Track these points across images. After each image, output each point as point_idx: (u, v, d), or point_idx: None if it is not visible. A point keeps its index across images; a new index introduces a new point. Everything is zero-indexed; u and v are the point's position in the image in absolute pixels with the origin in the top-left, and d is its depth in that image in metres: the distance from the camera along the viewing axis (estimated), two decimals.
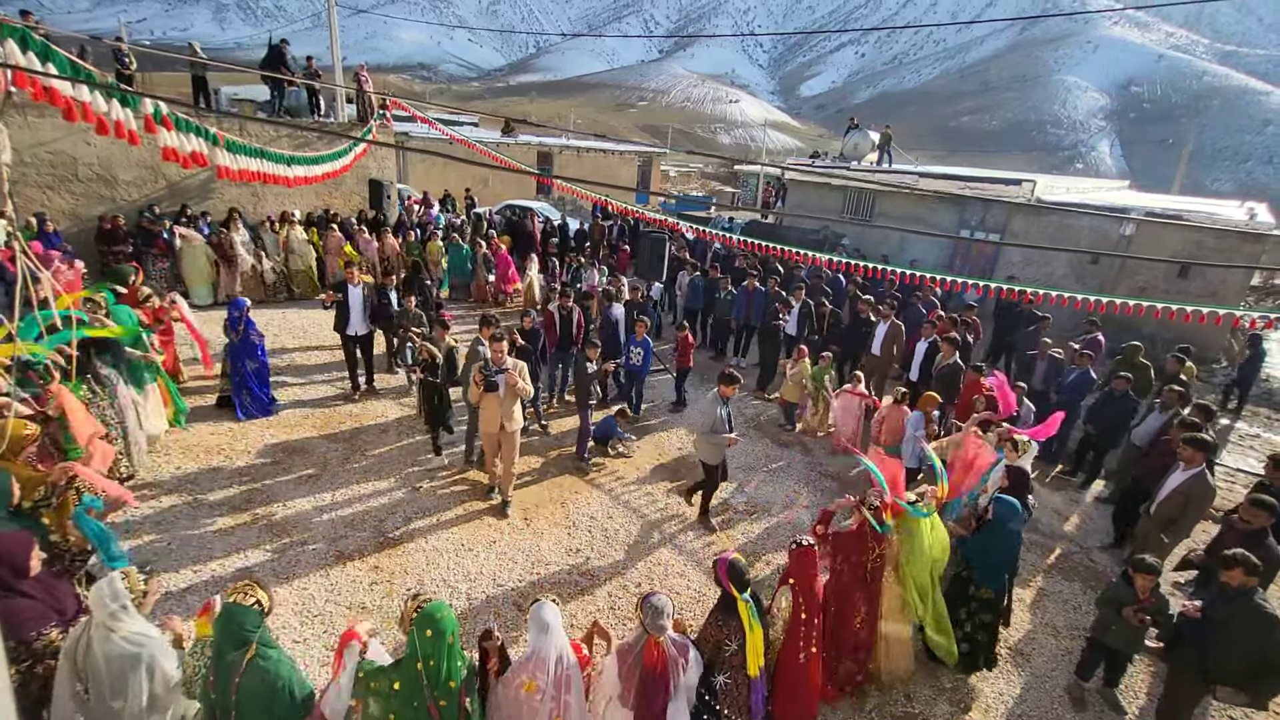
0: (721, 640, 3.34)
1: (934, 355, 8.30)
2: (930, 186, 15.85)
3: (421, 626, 2.56)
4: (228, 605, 2.49)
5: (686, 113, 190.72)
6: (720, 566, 3.41)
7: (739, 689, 3.37)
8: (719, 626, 3.38)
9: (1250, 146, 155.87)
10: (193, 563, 4.86)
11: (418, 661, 2.52)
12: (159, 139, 5.11)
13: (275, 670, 2.48)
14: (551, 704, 2.78)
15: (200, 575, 4.75)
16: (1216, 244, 12.83)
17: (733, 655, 3.32)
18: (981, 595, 4.58)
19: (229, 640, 2.44)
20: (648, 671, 2.99)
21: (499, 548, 5.50)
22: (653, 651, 3.00)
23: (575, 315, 7.97)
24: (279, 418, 7.36)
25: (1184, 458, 5.41)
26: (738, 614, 3.31)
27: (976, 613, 4.63)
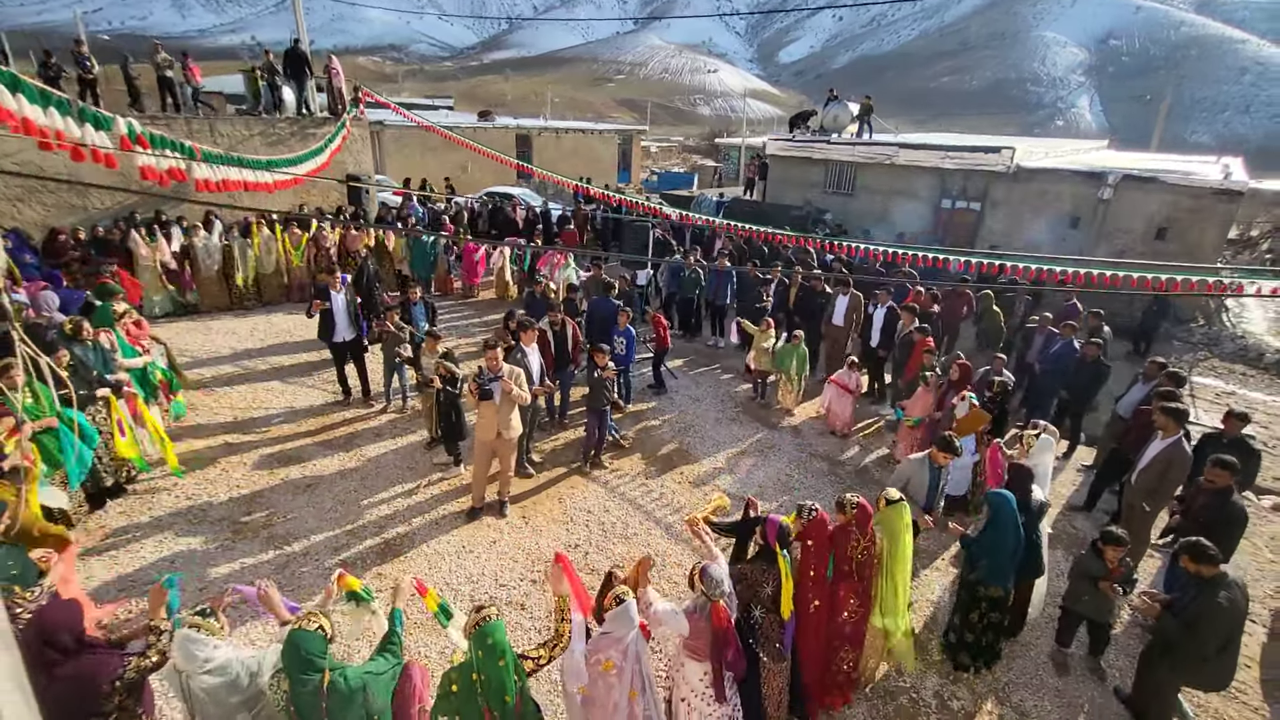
0: (761, 582, 3.77)
1: (894, 321, 8.69)
2: (910, 157, 15.86)
3: (477, 644, 2.78)
4: (293, 632, 2.60)
5: (665, 84, 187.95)
6: (771, 526, 3.83)
7: (773, 626, 3.80)
8: (762, 571, 3.81)
9: (1228, 96, 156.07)
10: (197, 580, 4.93)
11: (474, 673, 2.75)
12: (135, 158, 5.03)
13: (353, 684, 2.65)
14: (630, 677, 3.15)
15: (205, 592, 4.82)
16: (1193, 204, 12.99)
17: (766, 597, 3.75)
18: (991, 594, 4.56)
19: (297, 666, 2.55)
20: (717, 630, 3.36)
21: (499, 547, 5.62)
22: (718, 613, 3.36)
23: (570, 331, 7.63)
24: (274, 427, 7.39)
25: (1160, 426, 5.58)
26: (778, 565, 3.74)
27: (987, 613, 4.61)
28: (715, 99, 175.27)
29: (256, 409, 7.73)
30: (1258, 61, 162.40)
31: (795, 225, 15.95)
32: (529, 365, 6.08)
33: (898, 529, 4.36)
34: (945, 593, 5.51)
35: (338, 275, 7.47)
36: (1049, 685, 4.72)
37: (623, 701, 3.12)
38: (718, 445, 7.70)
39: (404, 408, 7.94)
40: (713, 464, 7.29)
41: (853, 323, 9.14)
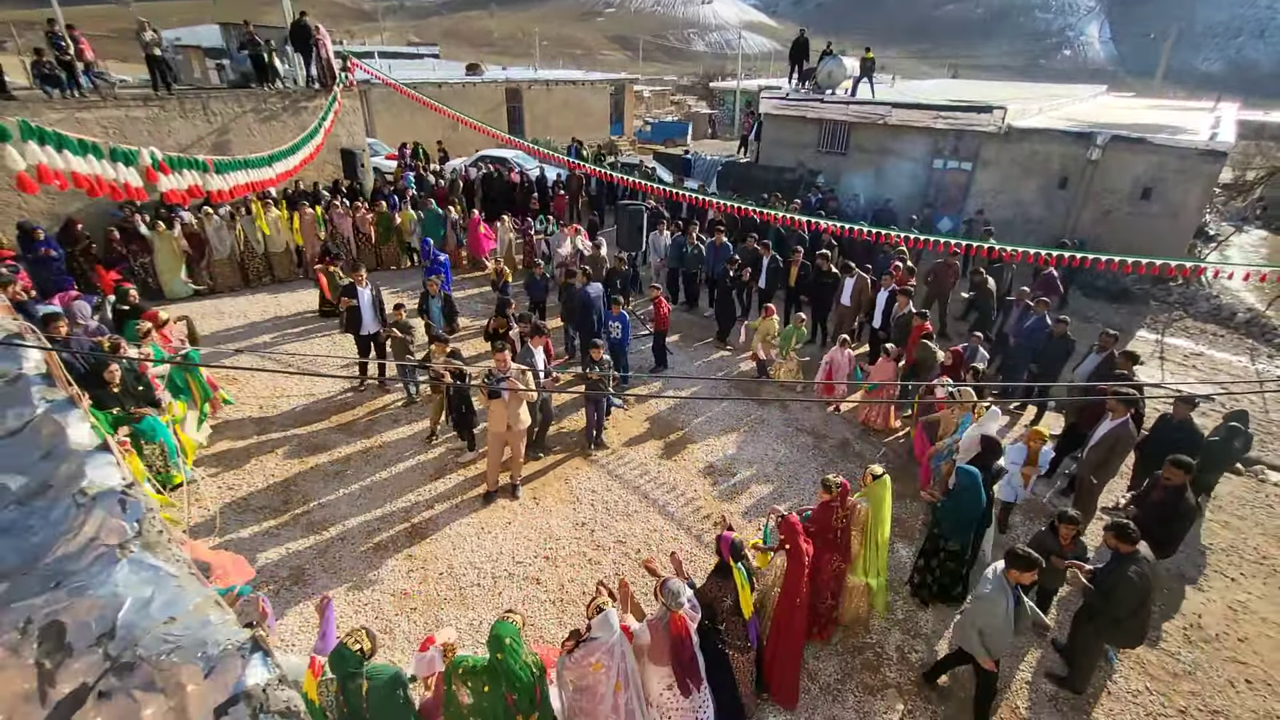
0: (720, 597, 4.32)
1: (894, 304, 9.10)
2: (903, 117, 15.84)
3: (493, 645, 3.44)
4: (339, 646, 3.24)
5: (657, 18, 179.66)
6: (723, 543, 4.34)
7: (738, 628, 4.41)
8: (718, 587, 4.35)
9: (1243, 20, 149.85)
10: (251, 565, 5.58)
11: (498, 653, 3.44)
12: (159, 185, 5.36)
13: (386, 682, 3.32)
14: (616, 675, 3.74)
15: (260, 577, 5.47)
16: (1178, 165, 13.18)
17: (729, 608, 4.32)
18: (950, 548, 5.52)
19: (339, 672, 3.20)
20: (675, 637, 3.93)
21: (514, 528, 6.27)
22: (676, 622, 3.92)
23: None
24: (296, 413, 7.94)
25: (1110, 408, 6.16)
26: (733, 578, 4.29)
27: (944, 561, 5.57)
28: (710, 33, 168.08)
29: (279, 397, 8.26)
30: None
31: (788, 188, 16.10)
32: (535, 364, 6.56)
33: (882, 499, 5.19)
34: (907, 558, 6.20)
35: (363, 272, 7.90)
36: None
37: (608, 693, 3.71)
38: (711, 421, 8.29)
39: (416, 394, 8.42)
40: (706, 440, 7.89)
41: (860, 304, 9.61)
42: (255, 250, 11.60)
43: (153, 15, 22.05)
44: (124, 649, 1.13)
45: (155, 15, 24.71)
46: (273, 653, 1.20)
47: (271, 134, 13.18)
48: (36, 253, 9.00)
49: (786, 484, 7.18)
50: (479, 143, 22.49)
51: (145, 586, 1.23)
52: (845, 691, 4.90)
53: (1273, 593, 6.05)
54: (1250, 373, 10.55)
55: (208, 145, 12.36)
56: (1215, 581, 6.16)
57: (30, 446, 1.45)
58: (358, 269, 8.06)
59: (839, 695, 4.87)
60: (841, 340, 8.52)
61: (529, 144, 15.09)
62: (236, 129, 12.93)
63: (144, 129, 11.61)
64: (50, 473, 1.41)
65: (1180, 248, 13.86)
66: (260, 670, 1.14)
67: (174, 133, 12.04)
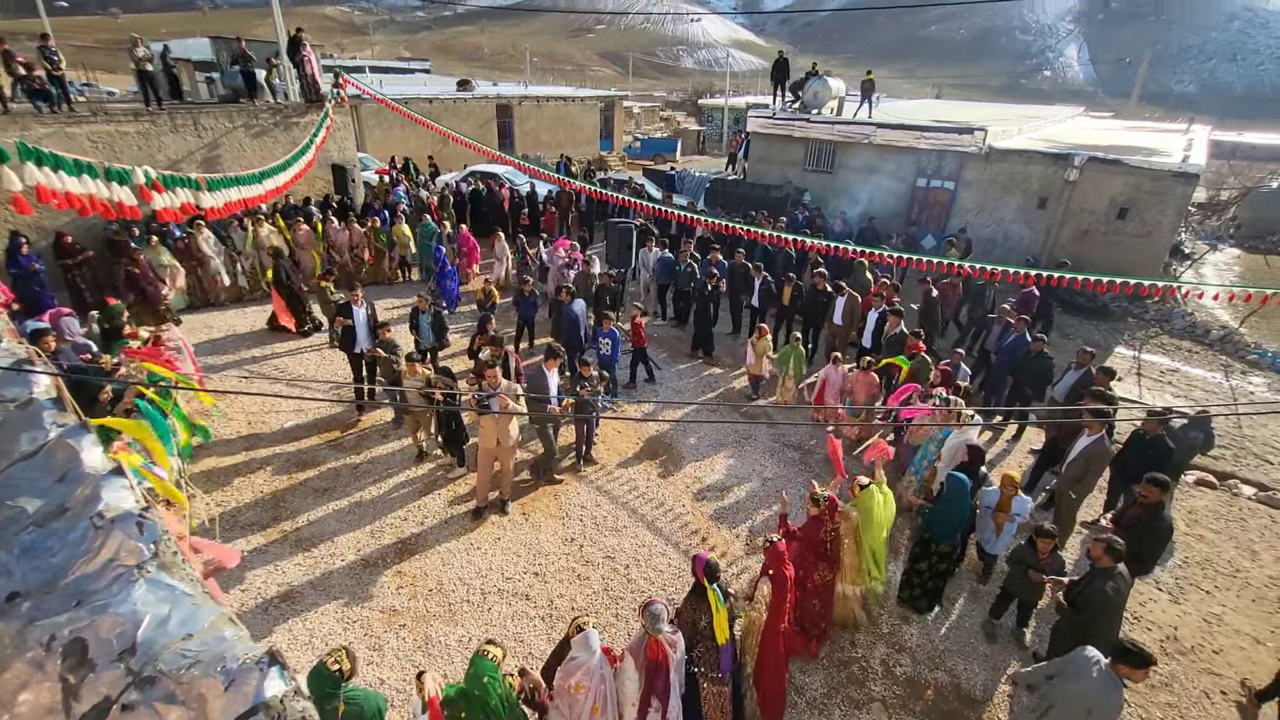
0: (696, 619, 4.32)
1: (884, 324, 9.26)
2: (887, 137, 16.20)
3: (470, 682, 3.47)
4: (318, 665, 3.25)
5: (647, 35, 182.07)
6: (698, 563, 4.34)
7: (710, 653, 4.37)
8: (693, 609, 4.36)
9: (1215, 44, 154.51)
10: (238, 584, 5.58)
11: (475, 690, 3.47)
12: (152, 203, 5.41)
13: (363, 706, 3.33)
14: (595, 697, 3.77)
15: (248, 595, 5.48)
16: (1153, 186, 13.58)
17: (704, 629, 4.31)
18: (941, 550, 5.67)
19: (316, 691, 3.22)
20: (651, 661, 3.95)
21: (503, 544, 6.31)
22: (654, 647, 3.94)
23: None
24: (286, 429, 7.94)
25: (1086, 424, 6.34)
26: (707, 599, 4.28)
27: (936, 564, 5.72)
28: (699, 50, 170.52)
29: (269, 413, 8.25)
30: (1247, 8, 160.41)
31: (774, 205, 16.36)
32: (548, 388, 6.59)
33: (870, 508, 5.36)
34: (895, 574, 6.29)
35: (359, 291, 7.92)
36: (979, 652, 5.56)
37: (585, 714, 3.74)
38: (699, 437, 8.39)
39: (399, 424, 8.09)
40: (694, 456, 7.98)
41: (852, 322, 9.78)
42: (243, 266, 11.59)
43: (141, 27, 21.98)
44: (145, 664, 1.20)
45: (143, 27, 24.70)
46: (289, 666, 1.27)
47: (263, 149, 13.24)
48: (21, 267, 8.96)
49: (774, 499, 7.27)
50: (470, 158, 22.67)
51: (163, 605, 1.30)
52: (831, 706, 4.97)
53: (1245, 605, 6.21)
54: (1224, 389, 10.83)
55: (198, 160, 12.39)
56: (1191, 594, 6.32)
57: (46, 470, 1.51)
58: (354, 287, 8.09)
59: (825, 709, 4.94)
60: (834, 358, 8.67)
61: (518, 160, 15.23)
62: (228, 144, 12.98)
63: (134, 144, 11.63)
64: (67, 496, 1.48)
65: (1156, 266, 14.25)
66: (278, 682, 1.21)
67: (164, 148, 12.06)
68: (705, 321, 10.44)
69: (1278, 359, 11.80)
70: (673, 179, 20.05)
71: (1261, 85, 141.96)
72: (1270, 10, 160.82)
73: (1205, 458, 8.74)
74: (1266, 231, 21.65)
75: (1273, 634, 5.87)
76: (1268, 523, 7.47)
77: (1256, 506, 7.78)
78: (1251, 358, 11.98)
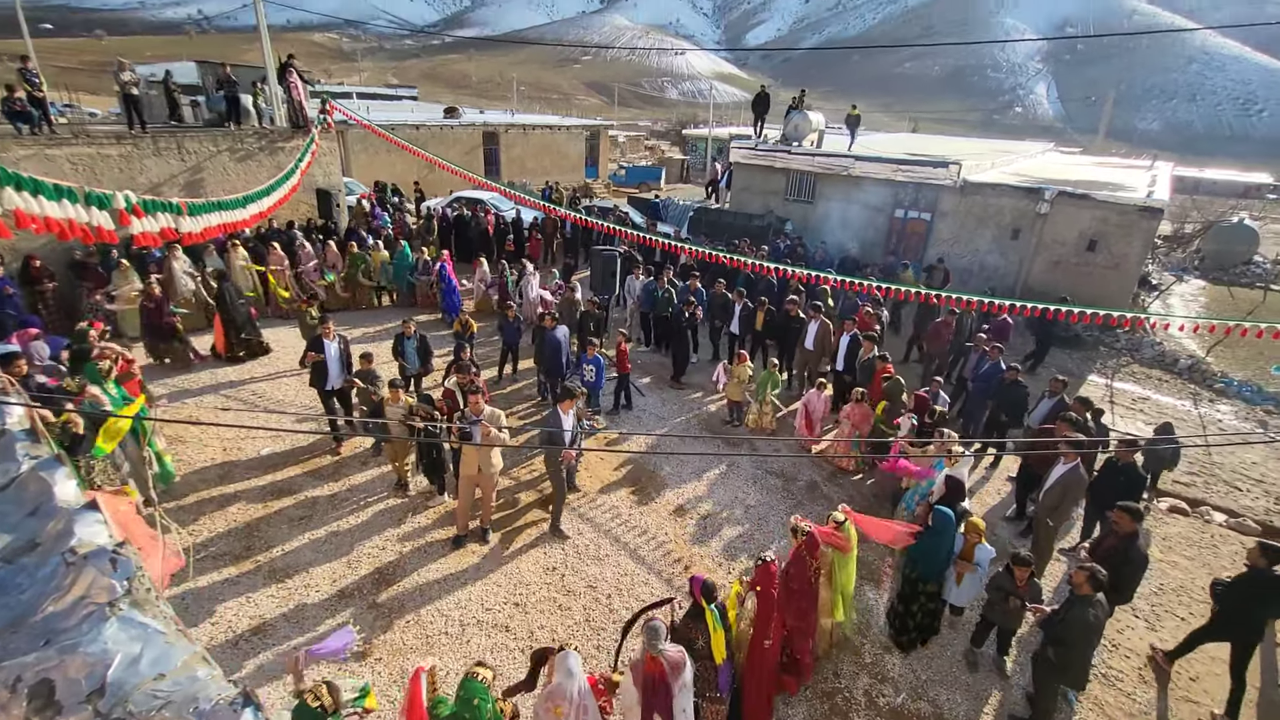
0: (693, 638, 4.35)
1: (857, 349, 9.46)
2: (865, 169, 16.63)
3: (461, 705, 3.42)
4: (299, 703, 3.15)
5: (633, 66, 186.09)
6: (695, 584, 4.40)
7: (708, 673, 4.41)
8: (690, 628, 4.40)
9: (1175, 85, 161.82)
10: (209, 616, 5.42)
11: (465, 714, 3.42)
12: (131, 228, 5.37)
13: None
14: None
15: (218, 628, 5.32)
16: (1120, 220, 14.06)
17: (700, 649, 4.34)
18: (928, 590, 5.62)
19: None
20: (648, 678, 3.92)
21: (483, 573, 6.21)
22: (651, 664, 3.91)
23: None
24: (262, 456, 7.79)
25: (1062, 453, 6.45)
26: (704, 619, 4.33)
27: (925, 604, 5.67)
28: (683, 81, 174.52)
29: (244, 439, 8.10)
30: (1204, 51, 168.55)
31: (757, 234, 16.63)
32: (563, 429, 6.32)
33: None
34: (875, 602, 6.29)
35: (331, 325, 7.69)
36: (961, 681, 5.55)
37: None
38: (682, 464, 8.38)
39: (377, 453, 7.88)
40: (676, 483, 7.97)
41: (824, 348, 9.92)
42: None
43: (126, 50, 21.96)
44: (114, 706, 1.17)
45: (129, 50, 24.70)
46: (263, 706, 1.24)
47: (247, 174, 13.22)
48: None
49: (756, 527, 7.27)
50: (456, 184, 22.80)
51: (134, 644, 1.27)
52: None
53: None
54: (1193, 416, 11.10)
55: (181, 184, 12.33)
56: (1167, 621, 6.39)
57: (16, 503, 1.48)
58: (325, 321, 7.88)
59: None
60: (818, 384, 8.77)
61: (503, 187, 15.37)
62: (211, 168, 12.94)
63: (116, 167, 11.55)
64: (38, 530, 1.45)
65: (1125, 296, 14.68)
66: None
67: (146, 171, 11.99)
68: (683, 349, 10.52)
69: (1244, 388, 12.14)
70: (657, 207, 20.33)
71: (1220, 124, 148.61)
72: (1226, 54, 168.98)
73: (1177, 484, 8.94)
74: (1228, 263, 22.42)
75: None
76: (1238, 549, 7.59)
77: (1227, 533, 7.93)
78: (1219, 386, 12.32)
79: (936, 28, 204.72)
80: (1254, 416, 11.25)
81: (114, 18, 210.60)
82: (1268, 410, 11.44)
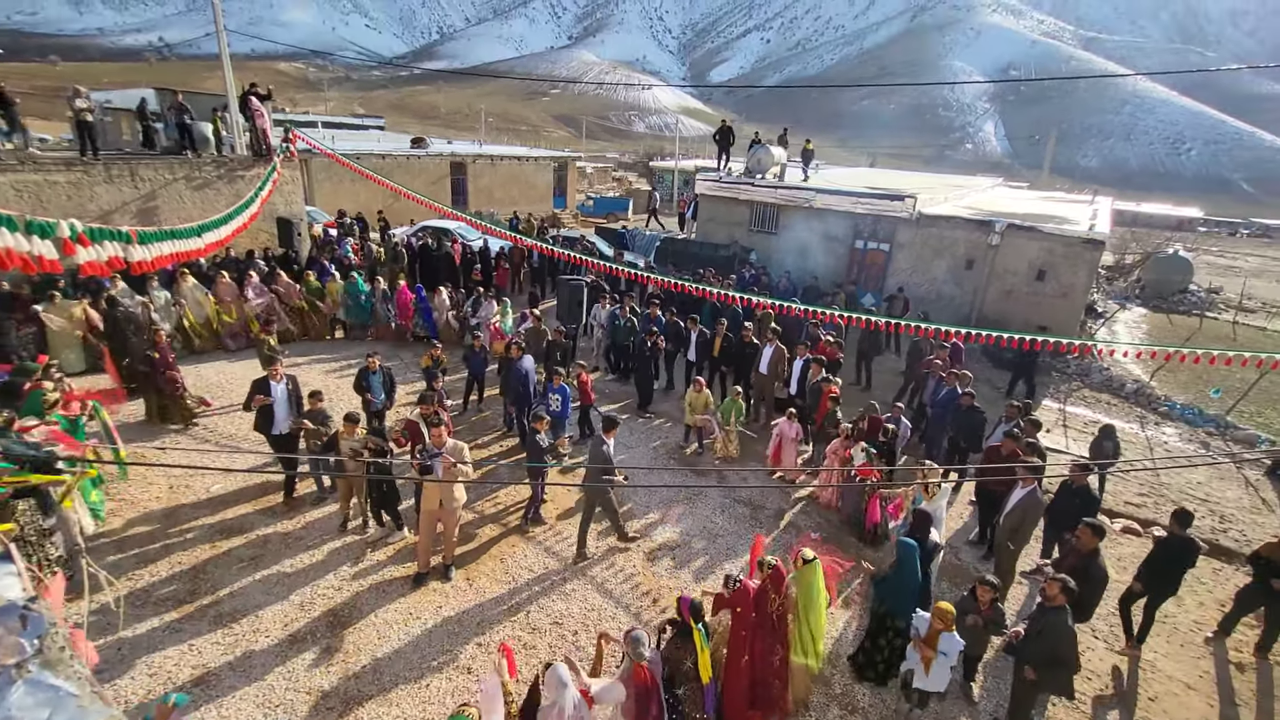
0: (681, 659, 4.33)
1: (808, 371, 9.67)
2: (826, 201, 17.15)
3: None
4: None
5: (600, 100, 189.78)
6: (683, 604, 4.41)
7: (695, 695, 4.38)
8: (678, 649, 4.39)
9: (1112, 125, 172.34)
10: (146, 668, 5.08)
11: None
12: (76, 257, 5.17)
13: None
14: None
15: (156, 680, 4.99)
16: (1065, 251, 14.74)
17: (688, 670, 4.32)
18: (896, 625, 5.50)
19: None
20: (639, 688, 3.90)
21: (444, 612, 5.99)
22: (640, 673, 3.90)
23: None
24: (211, 492, 7.45)
25: (1020, 477, 6.61)
26: (693, 640, 4.33)
27: (893, 640, 5.55)
28: (650, 116, 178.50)
29: (192, 475, 7.73)
30: (1136, 95, 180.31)
31: (722, 264, 16.91)
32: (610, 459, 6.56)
33: (812, 583, 5.18)
34: (845, 628, 6.27)
35: (279, 366, 7.30)
36: (929, 709, 5.52)
37: None
38: (649, 494, 8.31)
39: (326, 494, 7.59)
40: (644, 513, 7.88)
41: (778, 372, 10.05)
42: (169, 322, 10.94)
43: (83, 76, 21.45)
44: None
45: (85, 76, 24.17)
46: None
47: (204, 202, 12.93)
48: None
49: (724, 556, 7.21)
50: (421, 213, 22.66)
51: (42, 710, 1.16)
52: None
53: (1176, 651, 6.44)
54: (1141, 438, 11.52)
55: (132, 212, 11.98)
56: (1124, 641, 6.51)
57: None
58: (274, 361, 7.42)
59: None
60: (789, 412, 8.84)
61: (468, 217, 15.32)
62: (166, 195, 12.62)
63: (63, 194, 11.18)
64: None
65: (1073, 323, 15.32)
66: None
67: (96, 198, 11.62)
68: (646, 378, 10.53)
69: (1186, 410, 12.69)
70: (624, 237, 20.54)
71: (1153, 162, 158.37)
72: (1155, 98, 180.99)
73: (1129, 505, 9.23)
74: (1166, 292, 23.63)
75: (1201, 679, 6.07)
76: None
77: None
78: (1163, 409, 12.85)
79: (890, 68, 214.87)
80: (1197, 438, 11.75)
81: (70, 43, 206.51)
82: (1209, 432, 11.96)
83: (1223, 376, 14.41)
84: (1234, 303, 23.12)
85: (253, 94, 13.54)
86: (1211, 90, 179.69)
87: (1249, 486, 10.04)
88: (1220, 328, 20.03)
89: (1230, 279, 29.93)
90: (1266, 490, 9.97)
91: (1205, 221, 51.08)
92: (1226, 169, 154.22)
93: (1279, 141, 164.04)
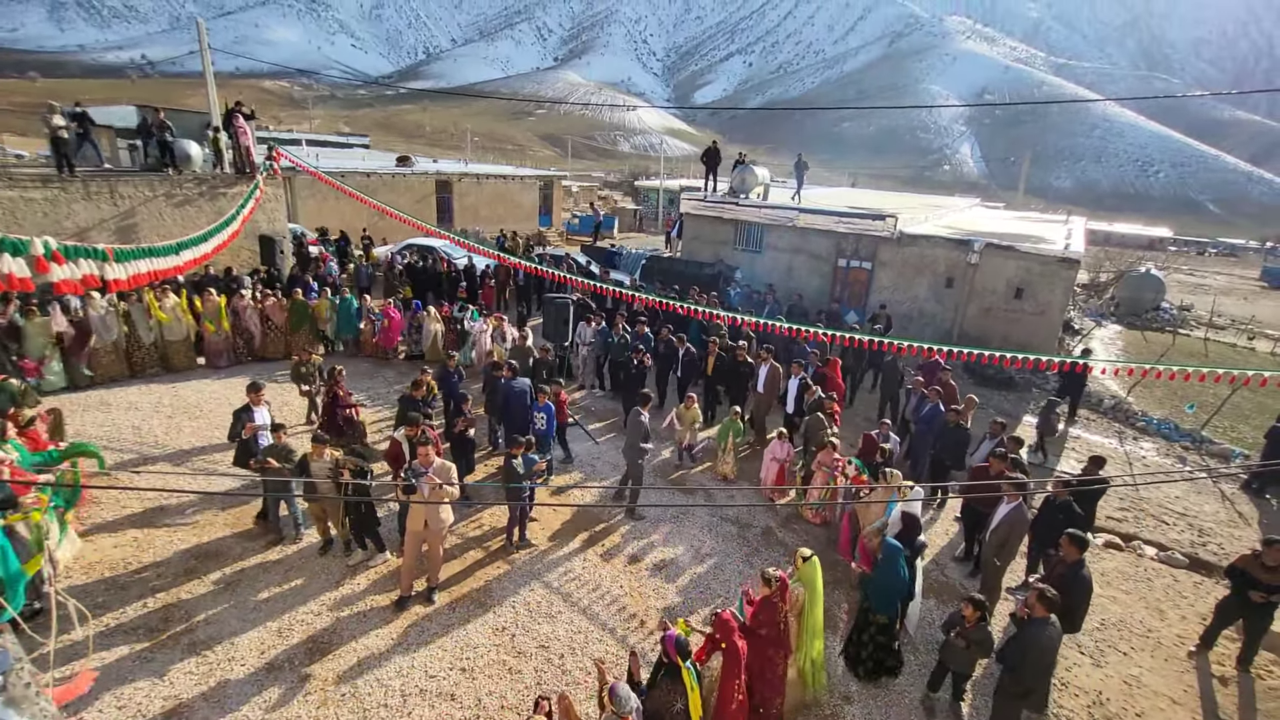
0: (671, 701, 4.17)
1: (804, 391, 9.75)
2: (809, 221, 17.39)
3: None
4: None
5: (586, 120, 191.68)
6: (668, 642, 4.25)
7: None
8: (667, 690, 4.23)
9: (1083, 148, 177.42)
10: (115, 699, 4.89)
11: None
12: (50, 275, 5.07)
13: None
14: None
15: (125, 713, 4.80)
16: (1042, 269, 15.04)
17: (679, 712, 4.16)
18: (879, 621, 5.73)
19: None
20: None
21: (427, 636, 5.85)
22: None
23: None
24: (186, 515, 7.26)
25: (1005, 493, 6.66)
26: (681, 679, 4.17)
27: (875, 636, 5.77)
28: (635, 135, 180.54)
29: (167, 498, 7.54)
30: (1106, 119, 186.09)
31: (708, 282, 17.01)
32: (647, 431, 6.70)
33: (814, 580, 5.29)
34: (832, 648, 6.23)
35: (262, 392, 7.20)
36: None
37: None
38: (636, 513, 8.23)
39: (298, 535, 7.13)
40: (631, 534, 7.80)
41: (773, 391, 10.11)
42: (142, 339, 10.78)
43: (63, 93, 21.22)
44: None
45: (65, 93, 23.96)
46: None
47: (185, 219, 12.81)
48: None
49: (712, 575, 7.16)
50: (405, 231, 22.59)
51: None
52: None
53: (1160, 665, 6.47)
54: (1120, 453, 11.69)
55: (111, 229, 11.82)
56: (1110, 656, 6.53)
57: None
58: (259, 388, 7.20)
59: None
60: (779, 432, 8.85)
61: (453, 235, 15.29)
62: (146, 213, 12.47)
63: (40, 210, 11.02)
64: None
65: (1051, 340, 15.59)
66: None
67: (74, 215, 11.46)
68: (631, 397, 10.49)
69: (1163, 425, 12.91)
70: (611, 255, 20.62)
71: (1123, 183, 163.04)
72: (1124, 122, 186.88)
73: (1111, 520, 9.32)
74: (1139, 309, 24.19)
75: (1185, 693, 6.10)
76: (1170, 582, 7.93)
77: (1160, 566, 8.26)
78: (1140, 424, 13.07)
79: (869, 92, 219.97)
80: (1174, 453, 11.95)
81: (50, 60, 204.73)
82: (1185, 446, 12.17)
83: (1197, 392, 14.73)
84: (1204, 320, 23.73)
85: (238, 112, 13.50)
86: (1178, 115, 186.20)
87: (1225, 500, 10.21)
88: (1193, 344, 20.52)
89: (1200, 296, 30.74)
90: (1243, 504, 10.14)
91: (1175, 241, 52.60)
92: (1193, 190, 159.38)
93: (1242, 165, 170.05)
